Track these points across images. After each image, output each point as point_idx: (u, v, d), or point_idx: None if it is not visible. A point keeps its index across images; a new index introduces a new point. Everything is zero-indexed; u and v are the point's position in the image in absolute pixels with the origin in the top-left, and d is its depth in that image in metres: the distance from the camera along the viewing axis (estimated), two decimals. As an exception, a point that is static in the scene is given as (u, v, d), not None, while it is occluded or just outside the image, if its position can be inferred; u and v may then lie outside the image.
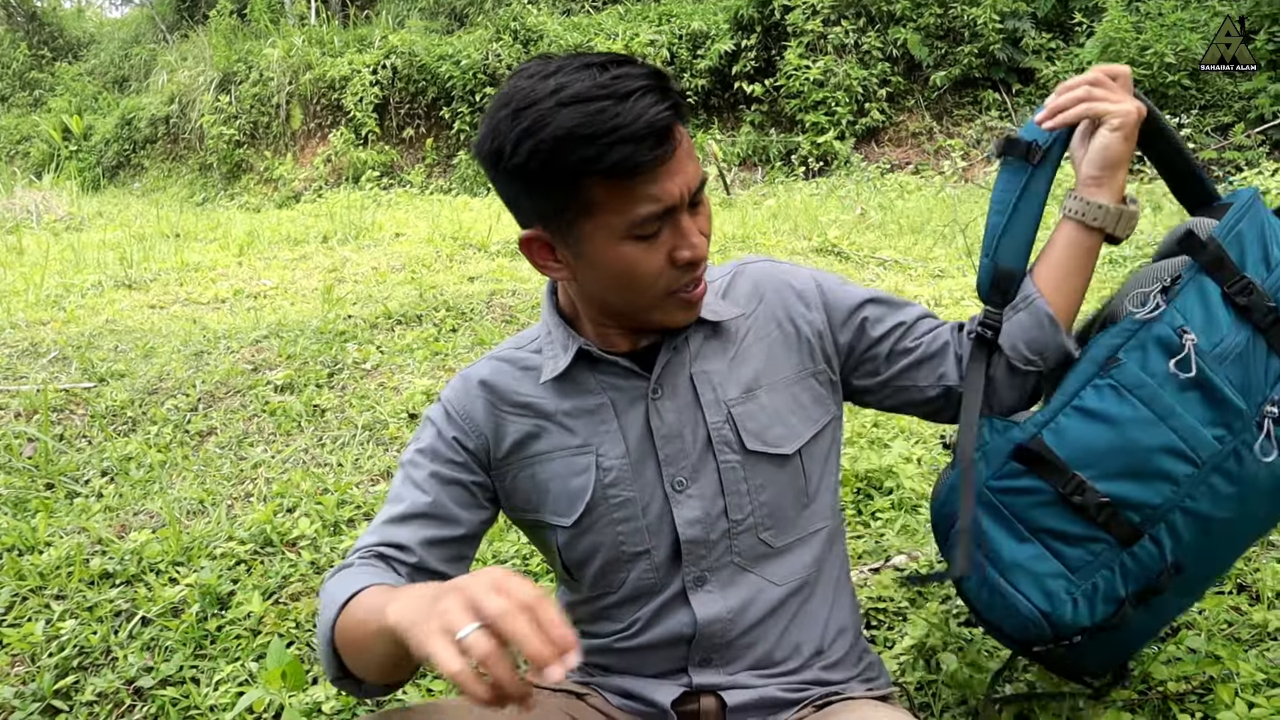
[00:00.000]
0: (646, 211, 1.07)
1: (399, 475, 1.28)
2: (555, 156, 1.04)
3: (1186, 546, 1.21)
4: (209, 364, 3.53)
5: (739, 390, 1.26)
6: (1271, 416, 1.17)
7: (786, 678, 1.30)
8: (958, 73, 9.12)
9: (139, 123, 11.97)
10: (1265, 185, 6.73)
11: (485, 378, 1.30)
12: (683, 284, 1.15)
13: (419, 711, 1.14)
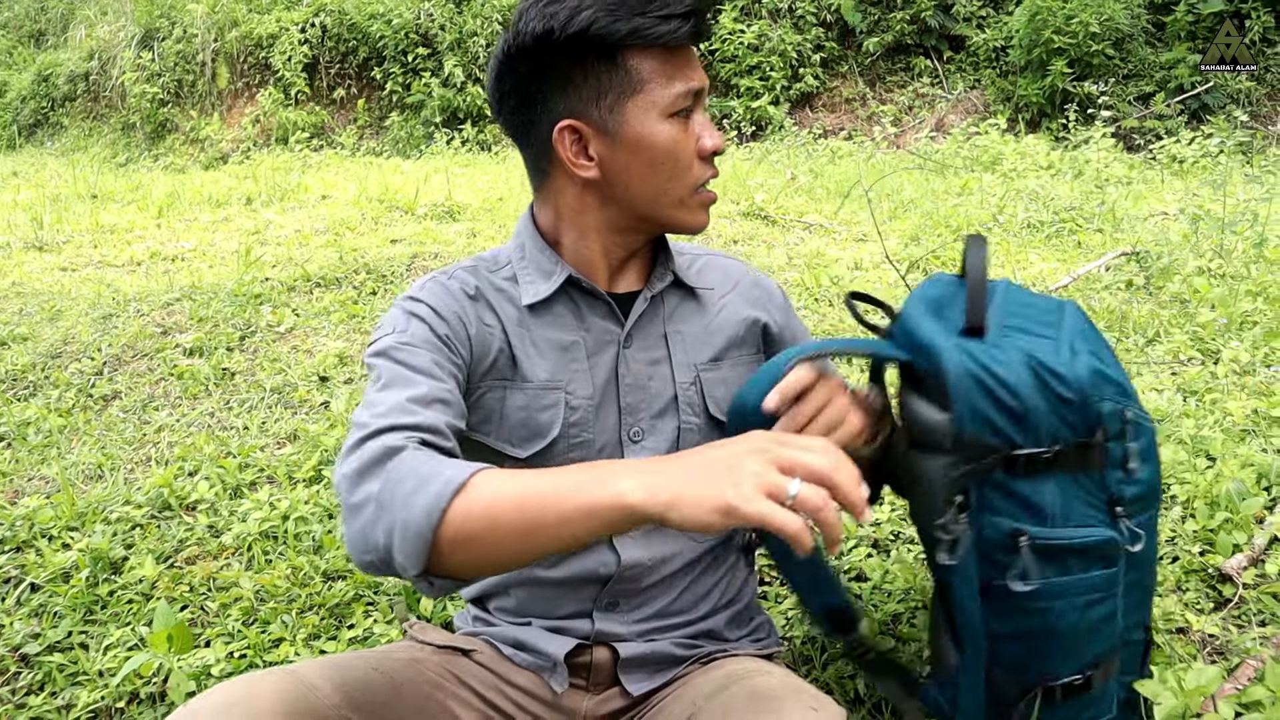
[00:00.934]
0: (685, 88, 1.15)
1: (388, 364, 1.14)
2: (607, 30, 1.11)
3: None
4: (117, 327, 3.45)
5: (708, 357, 1.31)
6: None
7: (680, 630, 1.33)
8: (890, 39, 9.18)
9: (57, 79, 11.54)
10: (1182, 153, 6.91)
11: (469, 283, 1.26)
12: (706, 178, 1.22)
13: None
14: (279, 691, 1.04)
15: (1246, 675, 1.44)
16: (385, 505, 0.97)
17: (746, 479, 0.86)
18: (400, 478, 0.98)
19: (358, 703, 1.11)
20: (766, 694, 1.07)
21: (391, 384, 1.11)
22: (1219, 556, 1.73)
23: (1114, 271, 3.85)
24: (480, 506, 0.94)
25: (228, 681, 1.05)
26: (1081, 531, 1.13)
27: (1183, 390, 2.58)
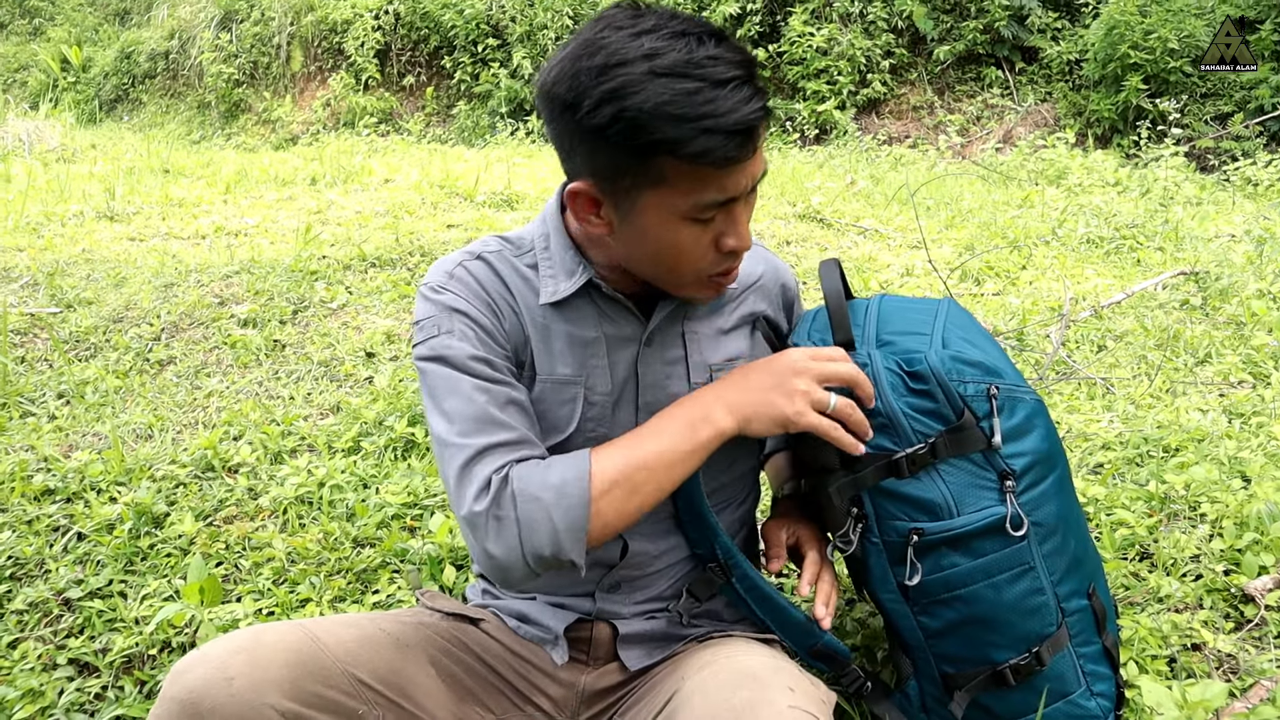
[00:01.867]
0: (712, 199, 1.08)
1: (446, 371, 1.18)
2: (639, 128, 1.02)
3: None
4: (177, 296, 3.56)
5: (722, 357, 1.31)
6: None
7: (679, 616, 1.35)
8: (962, 48, 9.06)
9: (138, 57, 11.88)
10: (1258, 176, 6.73)
11: (495, 269, 1.25)
12: (720, 270, 1.17)
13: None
14: (285, 641, 1.09)
15: (1259, 695, 1.42)
16: (531, 524, 1.10)
17: (798, 396, 1.14)
18: (532, 496, 1.10)
19: (361, 659, 1.15)
20: (747, 671, 1.09)
21: (456, 392, 1.16)
22: (1243, 577, 1.71)
23: (1171, 290, 3.78)
24: (616, 485, 1.12)
25: (239, 630, 1.10)
26: (977, 516, 1.19)
27: (1229, 412, 2.53)
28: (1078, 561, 1.26)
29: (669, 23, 1.05)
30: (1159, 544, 1.81)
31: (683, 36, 1.03)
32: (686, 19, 1.06)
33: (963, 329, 1.27)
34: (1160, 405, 2.61)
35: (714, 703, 1.04)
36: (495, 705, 1.31)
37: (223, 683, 1.03)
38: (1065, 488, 1.27)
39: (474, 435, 1.13)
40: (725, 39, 1.06)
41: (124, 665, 1.81)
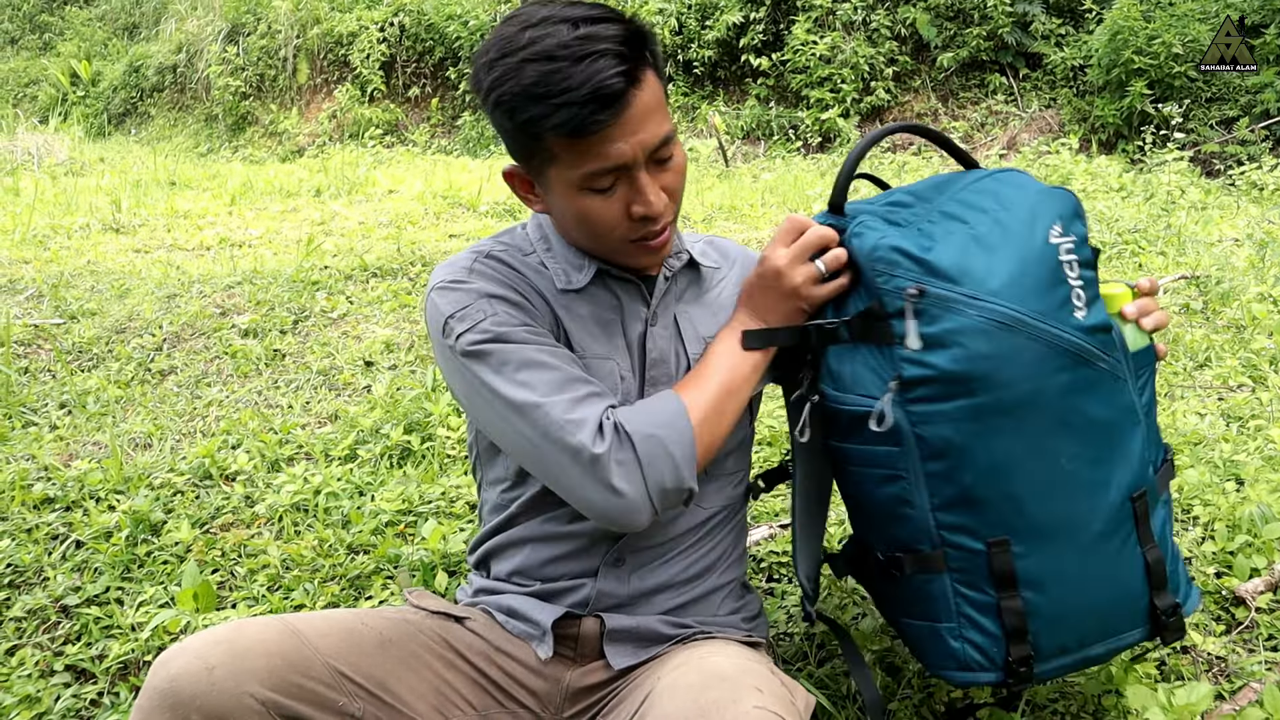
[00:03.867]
0: (596, 168, 1.15)
1: (506, 347, 1.22)
2: (514, 111, 1.13)
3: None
4: (179, 306, 3.58)
5: (713, 330, 1.37)
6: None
7: (673, 601, 1.37)
8: (965, 55, 9.06)
9: (147, 70, 11.96)
10: (1263, 180, 6.72)
11: (507, 260, 1.30)
12: (641, 235, 1.23)
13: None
14: (266, 634, 1.11)
15: (1247, 698, 1.42)
16: (652, 459, 1.18)
17: (801, 286, 1.25)
18: (647, 434, 1.19)
19: (343, 653, 1.17)
20: (717, 672, 1.10)
21: (528, 362, 1.21)
22: (1235, 579, 1.70)
23: (1172, 295, 3.77)
24: (709, 413, 1.23)
25: (222, 623, 1.12)
26: (861, 400, 1.23)
27: (1227, 416, 2.53)
28: (980, 503, 1.21)
29: (563, 10, 1.14)
30: (1151, 547, 1.81)
31: (565, 22, 1.12)
32: (584, 6, 1.16)
33: (986, 225, 1.21)
34: (1158, 410, 2.60)
35: (682, 702, 1.05)
36: (478, 702, 1.31)
37: (204, 672, 1.05)
38: (987, 423, 1.19)
39: (563, 391, 1.19)
40: (609, 20, 1.14)
41: (120, 671, 1.83)
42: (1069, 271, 1.18)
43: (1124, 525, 1.23)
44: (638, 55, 1.14)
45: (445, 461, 2.39)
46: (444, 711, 1.27)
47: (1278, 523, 1.80)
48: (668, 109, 1.21)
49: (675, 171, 1.22)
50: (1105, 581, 1.24)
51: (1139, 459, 1.24)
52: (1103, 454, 1.21)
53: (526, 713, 1.33)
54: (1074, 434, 1.20)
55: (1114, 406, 1.21)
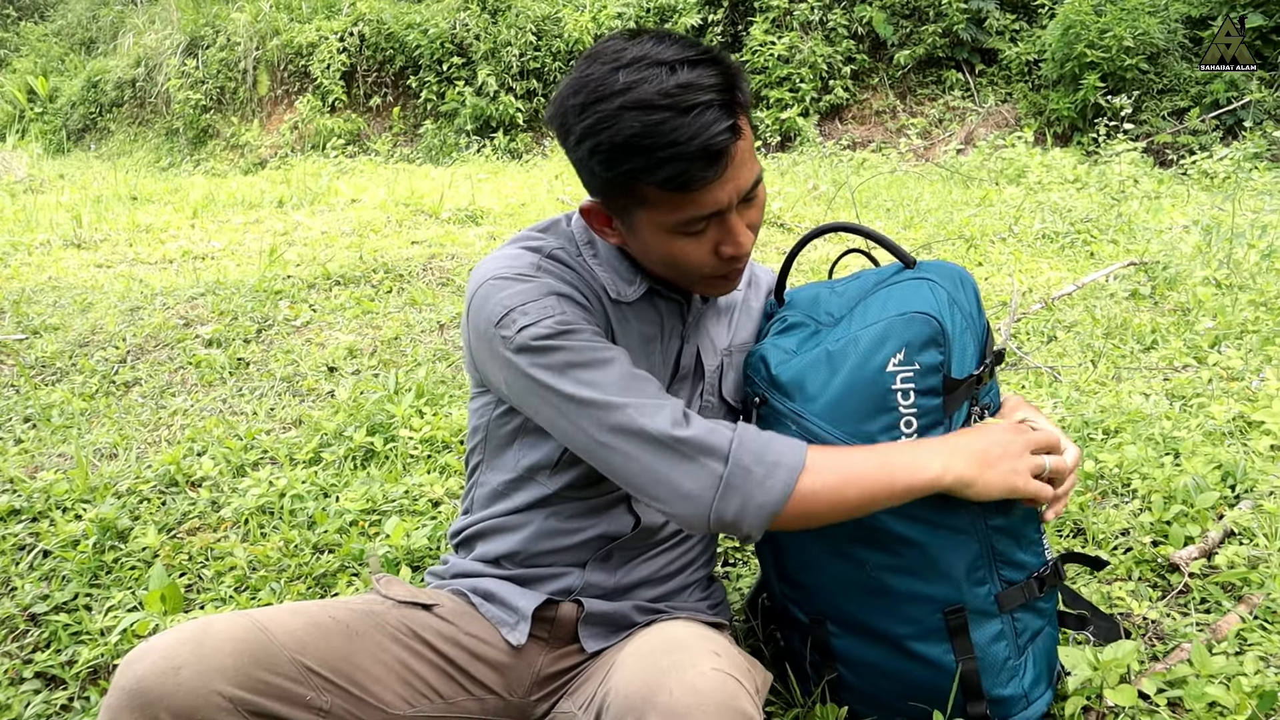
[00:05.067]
0: (692, 215, 1.16)
1: (578, 343, 1.21)
2: (612, 160, 1.12)
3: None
4: (142, 319, 3.59)
5: (726, 348, 1.44)
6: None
7: (651, 594, 1.42)
8: (922, 52, 9.20)
9: (105, 85, 11.88)
10: (1214, 169, 6.87)
11: (566, 261, 1.31)
12: (725, 271, 1.25)
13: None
14: (231, 631, 1.12)
15: (1179, 657, 1.49)
16: (730, 489, 1.15)
17: (1022, 463, 1.23)
18: (745, 466, 1.15)
19: (309, 647, 1.19)
20: (677, 639, 1.14)
21: (596, 361, 1.20)
22: (1170, 547, 1.77)
23: (1121, 281, 3.87)
24: (827, 487, 1.16)
25: (188, 621, 1.14)
26: None
27: (1170, 395, 2.61)
28: (800, 585, 1.43)
29: (654, 50, 1.11)
30: (1091, 520, 1.88)
31: (660, 66, 1.09)
32: (675, 43, 1.13)
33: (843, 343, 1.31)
34: (1104, 391, 2.68)
35: (643, 666, 1.09)
36: (445, 690, 1.34)
37: (170, 672, 1.06)
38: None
39: (632, 394, 1.19)
40: (704, 63, 1.11)
41: (90, 676, 1.84)
42: (901, 400, 1.25)
43: (934, 634, 1.31)
44: (737, 103, 1.12)
45: (408, 461, 2.43)
46: (411, 701, 1.30)
47: (1211, 493, 1.87)
48: (754, 148, 1.21)
49: (759, 206, 1.24)
50: (912, 679, 1.35)
51: (961, 578, 1.30)
52: (912, 567, 1.30)
53: (493, 698, 1.36)
54: (880, 547, 1.30)
55: (935, 526, 1.28)
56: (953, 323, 1.27)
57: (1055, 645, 1.42)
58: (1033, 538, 1.36)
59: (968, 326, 1.30)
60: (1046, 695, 1.37)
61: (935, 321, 1.26)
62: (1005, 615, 1.32)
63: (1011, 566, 1.33)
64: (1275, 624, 1.57)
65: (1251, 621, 1.58)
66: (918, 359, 1.25)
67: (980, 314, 1.36)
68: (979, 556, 1.30)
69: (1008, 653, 1.33)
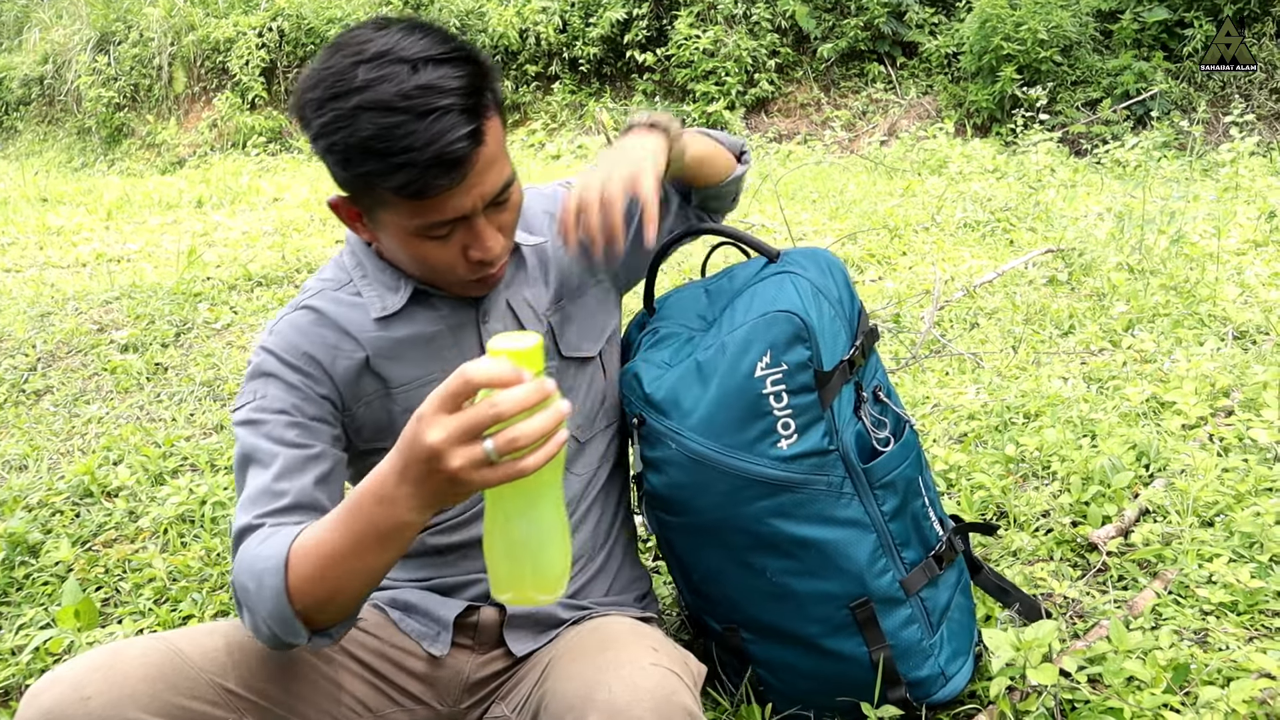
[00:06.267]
0: (434, 220, 1.11)
1: (251, 438, 1.19)
2: (348, 160, 1.07)
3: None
4: (53, 325, 3.47)
5: (551, 303, 1.36)
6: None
7: (573, 592, 1.39)
8: (844, 45, 9.30)
9: (10, 83, 11.43)
10: (1126, 157, 7.07)
11: (317, 308, 1.26)
12: (478, 275, 1.20)
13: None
14: (145, 656, 1.07)
15: (1098, 635, 1.53)
16: (248, 605, 1.08)
17: (460, 471, 0.90)
18: (244, 583, 1.08)
19: (228, 668, 1.13)
20: (612, 636, 1.14)
21: (254, 461, 1.18)
22: (1089, 527, 1.82)
23: (1039, 268, 3.96)
24: (317, 570, 1.03)
25: (97, 648, 1.09)
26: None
27: (1088, 378, 2.68)
28: (707, 597, 1.43)
29: (400, 44, 1.06)
30: (1013, 503, 1.92)
31: (403, 63, 1.04)
32: (425, 37, 1.07)
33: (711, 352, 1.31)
34: (1024, 375, 2.74)
35: (581, 666, 1.08)
36: (374, 703, 1.31)
37: (78, 702, 1.01)
38: (696, 538, 1.37)
39: (252, 507, 1.15)
40: (452, 61, 1.06)
41: (0, 698, 1.78)
42: (774, 403, 1.25)
43: (843, 630, 1.33)
44: (482, 105, 1.08)
45: (335, 465, 2.39)
46: (338, 716, 1.27)
47: (1127, 473, 1.92)
48: (507, 150, 1.17)
49: (512, 209, 1.19)
50: (829, 675, 1.37)
51: (863, 569, 1.31)
52: (812, 568, 1.31)
53: (423, 708, 1.34)
54: (777, 552, 1.31)
55: (829, 523, 1.30)
56: (818, 314, 1.27)
57: (971, 615, 1.45)
58: (924, 515, 1.38)
59: (836, 314, 1.31)
60: (965, 668, 1.40)
61: (797, 318, 1.25)
62: (913, 598, 1.34)
63: (910, 548, 1.34)
64: (1188, 599, 1.62)
65: (1166, 597, 1.63)
66: (784, 359, 1.25)
67: (852, 297, 1.37)
68: (878, 546, 1.31)
69: (920, 634, 1.35)
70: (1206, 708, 1.32)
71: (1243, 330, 2.95)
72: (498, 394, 0.88)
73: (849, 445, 1.29)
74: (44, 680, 1.04)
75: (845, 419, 1.30)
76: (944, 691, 1.37)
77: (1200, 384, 2.44)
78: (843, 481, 1.29)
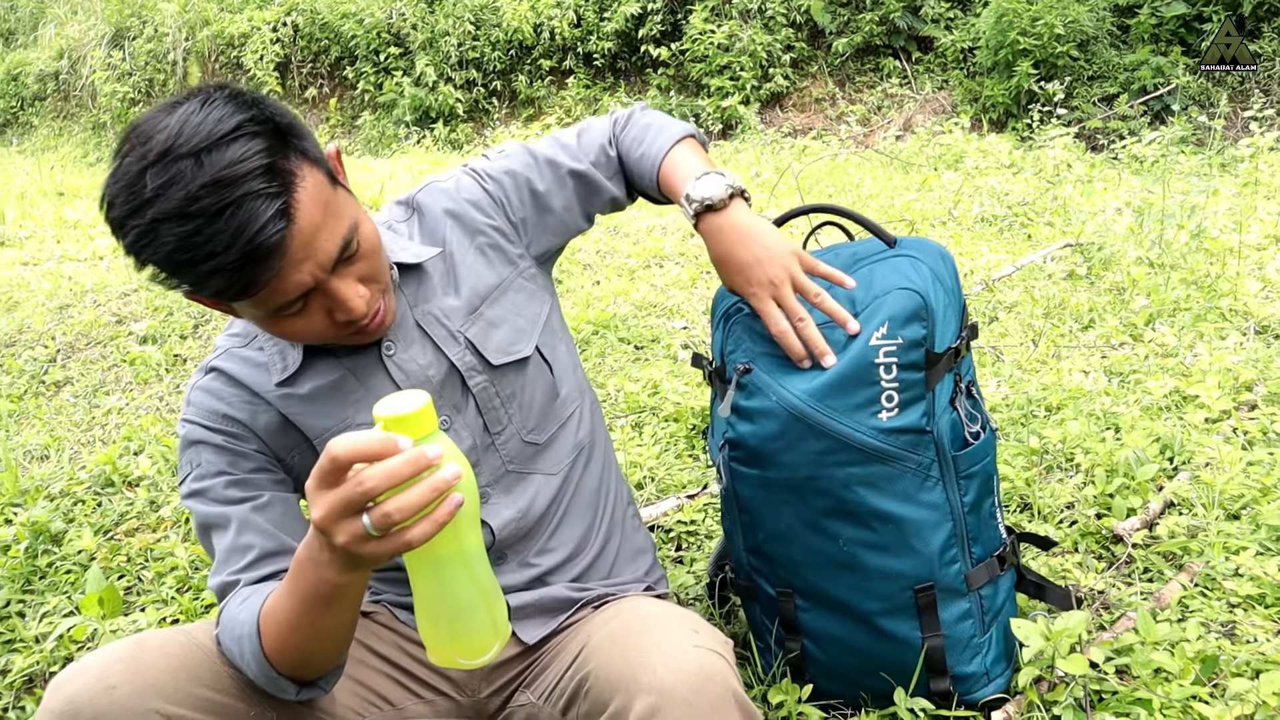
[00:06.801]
0: (278, 304, 1.05)
1: (201, 507, 1.20)
2: (166, 278, 1.03)
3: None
4: (72, 317, 3.48)
5: (465, 314, 1.29)
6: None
7: (572, 570, 1.37)
8: (859, 40, 9.27)
9: (26, 79, 11.49)
10: (1143, 153, 7.03)
11: (224, 370, 1.25)
12: (355, 330, 1.14)
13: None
14: (167, 647, 1.08)
15: (1125, 626, 1.51)
16: (239, 666, 1.11)
17: (348, 546, 0.89)
18: (229, 646, 1.11)
19: None
20: (652, 618, 1.12)
21: (213, 527, 1.20)
22: (1114, 519, 1.81)
23: (1058, 262, 3.94)
24: (282, 632, 1.05)
25: (120, 639, 1.10)
26: (714, 443, 1.43)
27: (1109, 372, 2.66)
28: (769, 557, 1.41)
29: (188, 130, 0.98)
30: (1037, 495, 1.91)
31: (189, 158, 0.97)
32: (214, 110, 1.00)
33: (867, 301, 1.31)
34: (1045, 369, 2.73)
35: (623, 646, 1.07)
36: (394, 696, 1.31)
37: (104, 691, 1.01)
38: (774, 494, 1.35)
39: (224, 568, 1.18)
40: (242, 136, 0.99)
41: (25, 685, 1.78)
42: (883, 374, 1.26)
43: (902, 611, 1.33)
44: (287, 173, 1.00)
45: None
46: (360, 710, 1.27)
47: (1151, 465, 1.91)
48: (337, 199, 1.07)
49: (367, 256, 1.11)
50: (878, 654, 1.36)
51: (935, 555, 1.31)
52: (886, 543, 1.31)
53: (444, 700, 1.33)
54: (855, 521, 1.31)
55: (911, 502, 1.30)
56: (936, 297, 1.29)
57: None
58: (992, 514, 1.38)
59: (949, 303, 1.32)
60: (1006, 674, 1.39)
61: (918, 295, 1.27)
62: (973, 593, 1.34)
63: (979, 543, 1.34)
64: (1215, 591, 1.61)
65: (1192, 589, 1.62)
66: (901, 333, 1.26)
67: (959, 289, 1.37)
68: (952, 534, 1.31)
69: (974, 630, 1.34)
70: (1236, 699, 1.31)
71: (1265, 325, 2.93)
72: (366, 469, 0.85)
73: (943, 430, 1.30)
74: (69, 670, 1.05)
75: (942, 405, 1.31)
76: (983, 691, 1.37)
77: (1223, 378, 2.42)
78: (931, 464, 1.29)
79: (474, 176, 1.38)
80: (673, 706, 0.99)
